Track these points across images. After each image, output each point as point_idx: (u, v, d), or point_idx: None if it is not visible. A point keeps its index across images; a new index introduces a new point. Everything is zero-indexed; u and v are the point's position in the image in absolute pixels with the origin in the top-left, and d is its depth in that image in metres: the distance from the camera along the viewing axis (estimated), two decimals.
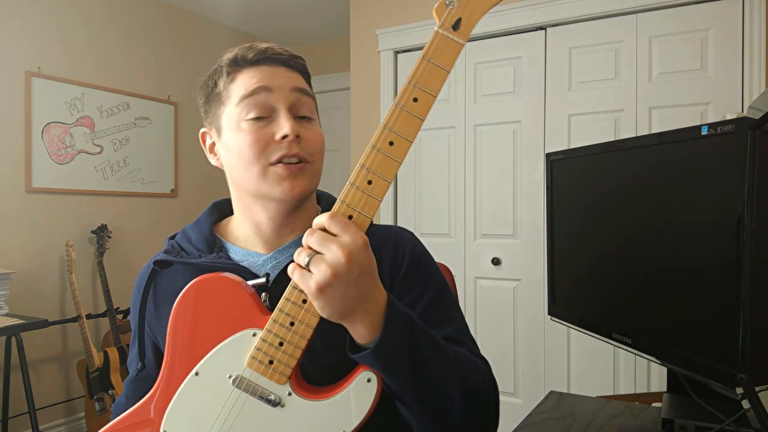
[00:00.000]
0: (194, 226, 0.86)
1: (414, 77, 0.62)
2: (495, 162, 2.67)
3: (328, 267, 0.57)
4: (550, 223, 1.30)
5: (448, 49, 0.62)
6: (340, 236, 0.58)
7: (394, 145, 0.61)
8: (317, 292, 0.58)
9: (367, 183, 0.61)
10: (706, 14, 2.22)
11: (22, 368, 2.38)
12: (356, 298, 0.59)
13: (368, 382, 0.62)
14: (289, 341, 0.62)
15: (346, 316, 0.60)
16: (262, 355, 0.63)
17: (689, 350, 0.88)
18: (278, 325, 0.62)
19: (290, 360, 0.63)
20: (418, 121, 0.62)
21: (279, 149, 0.74)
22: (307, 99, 0.79)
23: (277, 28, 3.95)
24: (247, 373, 0.64)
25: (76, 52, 2.97)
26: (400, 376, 0.63)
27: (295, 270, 0.59)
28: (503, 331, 2.62)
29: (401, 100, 0.62)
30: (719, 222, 0.81)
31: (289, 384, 0.63)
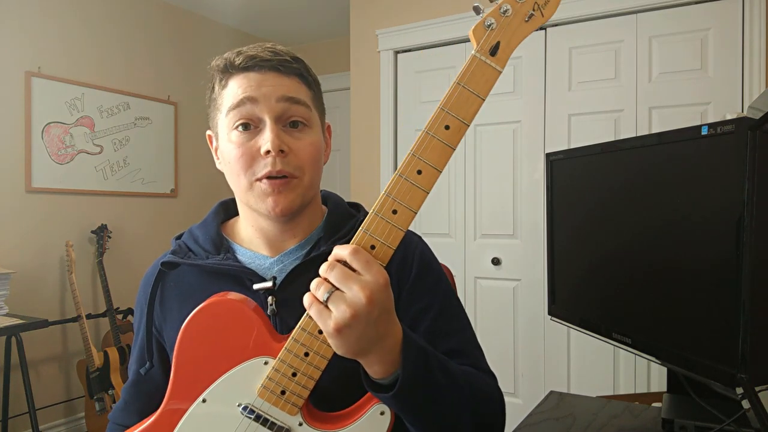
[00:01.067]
0: (201, 226, 0.85)
1: (447, 104, 0.59)
2: (495, 162, 2.67)
3: (348, 307, 0.55)
4: (550, 223, 1.30)
5: (485, 75, 0.59)
6: (363, 275, 0.56)
7: (422, 173, 0.59)
8: (335, 332, 0.56)
9: (392, 212, 0.59)
10: (706, 14, 2.22)
11: (22, 368, 2.38)
12: (374, 337, 0.58)
13: (381, 415, 0.62)
14: (303, 372, 0.61)
15: (362, 354, 0.59)
16: (275, 385, 0.62)
17: (689, 350, 0.88)
18: (292, 355, 0.61)
19: (303, 390, 0.62)
20: (449, 150, 0.59)
21: (264, 165, 0.72)
22: (298, 107, 0.75)
23: (277, 28, 3.95)
24: (258, 403, 0.62)
25: (76, 52, 2.97)
26: (416, 411, 0.63)
27: (313, 305, 0.57)
28: (503, 331, 2.62)
29: (432, 127, 0.59)
30: (719, 222, 0.81)
31: (301, 414, 0.62)
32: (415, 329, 0.76)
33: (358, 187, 3.04)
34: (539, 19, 0.60)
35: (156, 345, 0.83)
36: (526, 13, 0.59)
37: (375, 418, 0.62)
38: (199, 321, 0.65)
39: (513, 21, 0.59)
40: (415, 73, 2.91)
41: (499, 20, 0.59)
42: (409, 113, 2.91)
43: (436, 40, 2.80)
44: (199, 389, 0.64)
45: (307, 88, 0.79)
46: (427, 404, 0.63)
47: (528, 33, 0.60)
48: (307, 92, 0.78)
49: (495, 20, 0.59)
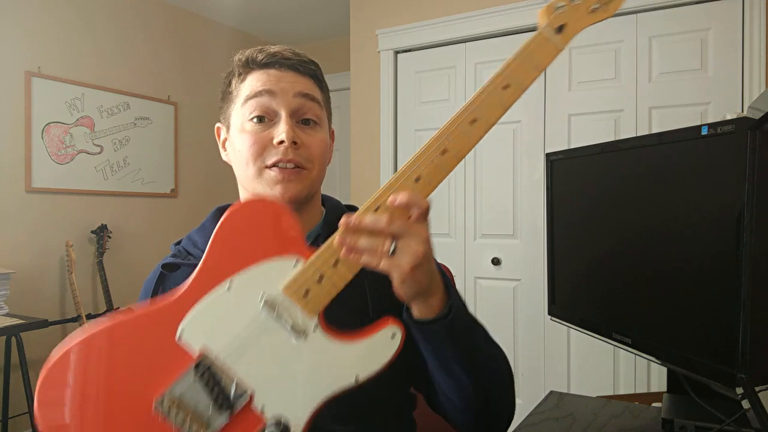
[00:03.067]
0: (199, 231, 0.87)
1: (507, 68, 0.64)
2: (495, 162, 2.67)
3: (419, 249, 0.60)
4: (550, 223, 1.30)
5: (546, 49, 0.65)
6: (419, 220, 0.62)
7: (475, 123, 0.64)
8: (411, 274, 0.60)
9: (441, 152, 0.63)
10: (706, 14, 2.22)
11: (22, 368, 2.38)
12: (433, 273, 0.64)
13: (392, 338, 0.63)
14: (329, 278, 0.63)
15: (425, 292, 0.64)
16: (300, 285, 0.63)
17: (689, 350, 0.88)
18: (322, 261, 0.63)
19: (326, 296, 0.63)
20: (502, 108, 0.64)
21: (276, 153, 0.76)
22: (312, 104, 0.79)
23: (277, 28, 3.95)
24: (280, 298, 0.64)
25: (76, 52, 2.97)
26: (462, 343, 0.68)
27: (381, 260, 0.61)
28: (503, 331, 2.62)
29: (490, 86, 0.64)
30: (719, 222, 0.81)
31: (317, 319, 0.64)
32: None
33: (358, 187, 3.04)
34: (603, 13, 0.66)
35: None
36: (591, 5, 0.66)
37: (385, 339, 0.64)
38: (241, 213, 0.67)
39: (580, 8, 0.65)
40: (415, 73, 2.91)
41: (568, 5, 0.66)
42: (409, 113, 2.91)
43: (436, 40, 2.80)
44: (227, 274, 0.65)
45: (320, 90, 0.84)
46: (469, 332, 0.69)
47: (591, 23, 0.66)
48: (320, 93, 0.83)
49: (565, 4, 0.66)
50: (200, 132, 3.66)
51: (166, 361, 0.64)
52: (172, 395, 0.63)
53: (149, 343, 0.65)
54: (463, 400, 0.73)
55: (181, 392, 0.64)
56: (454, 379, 0.71)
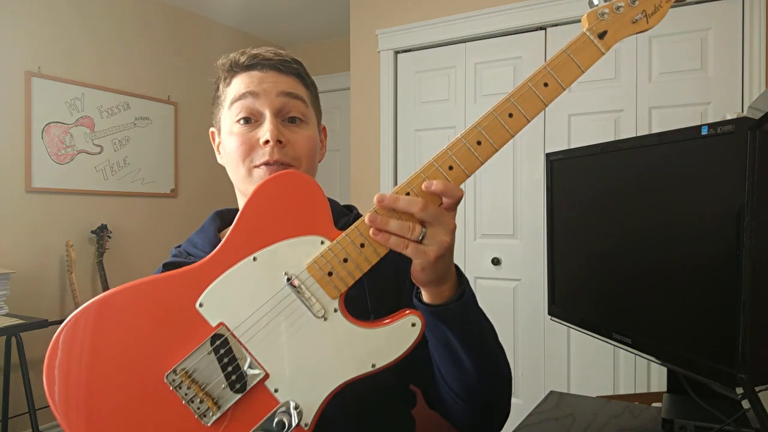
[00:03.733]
0: (199, 233, 0.88)
1: (551, 64, 0.65)
2: (495, 162, 2.66)
3: (445, 238, 0.61)
4: (550, 223, 1.30)
5: (589, 51, 0.66)
6: (450, 209, 0.63)
7: (512, 117, 0.64)
8: (434, 263, 0.61)
9: (477, 143, 0.64)
10: (706, 14, 2.22)
11: (22, 368, 2.38)
12: (451, 262, 0.65)
13: (412, 326, 0.63)
14: (354, 259, 0.63)
15: (441, 279, 0.65)
16: (324, 264, 0.63)
17: (689, 350, 0.88)
18: (349, 242, 0.63)
19: (348, 278, 0.63)
20: (542, 104, 0.65)
21: (263, 154, 0.77)
22: (296, 102, 0.80)
23: (277, 28, 3.95)
24: (303, 276, 0.63)
25: (76, 52, 2.97)
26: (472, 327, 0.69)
27: (409, 245, 0.61)
28: (503, 331, 2.62)
29: (532, 80, 0.65)
30: (719, 222, 0.81)
31: (338, 301, 0.63)
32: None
33: (358, 187, 3.04)
34: (644, 24, 0.68)
35: None
36: (634, 16, 0.68)
37: (406, 327, 0.63)
38: (272, 186, 0.66)
39: (623, 18, 0.67)
40: (415, 73, 2.90)
41: (611, 13, 0.67)
42: (409, 113, 2.91)
43: (436, 40, 2.80)
44: (252, 248, 0.65)
45: (305, 87, 0.84)
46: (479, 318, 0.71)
47: (632, 33, 0.68)
48: (304, 91, 0.83)
49: (608, 11, 0.67)
50: (200, 132, 3.66)
51: (183, 331, 0.63)
52: (184, 368, 0.62)
53: (167, 310, 0.64)
54: (466, 390, 0.74)
55: (194, 365, 0.62)
56: (459, 367, 0.72)
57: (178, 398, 0.61)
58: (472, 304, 0.70)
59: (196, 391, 0.61)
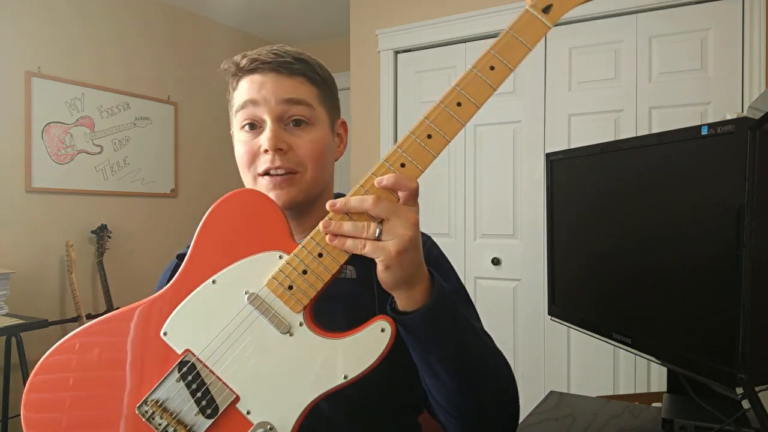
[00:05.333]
0: None
1: (495, 47, 0.63)
2: (495, 162, 2.67)
3: (406, 232, 0.58)
4: (550, 223, 1.30)
5: (534, 27, 0.64)
6: (408, 203, 0.60)
7: (461, 106, 0.62)
8: (397, 258, 0.58)
9: (427, 136, 0.62)
10: (706, 14, 2.22)
11: (22, 368, 2.37)
12: (419, 261, 0.61)
13: (382, 332, 0.60)
14: (314, 270, 0.62)
15: (410, 280, 0.61)
16: (284, 279, 0.62)
17: (689, 350, 0.88)
18: (306, 253, 0.62)
19: (310, 289, 0.62)
20: (490, 89, 0.62)
21: (265, 161, 0.76)
22: (298, 107, 0.77)
23: (277, 28, 3.95)
24: (264, 293, 0.63)
25: (76, 52, 2.97)
26: (447, 336, 0.64)
27: (366, 244, 0.59)
28: (503, 331, 2.62)
29: (478, 65, 0.63)
30: (719, 222, 0.81)
31: (303, 314, 0.62)
32: None
33: None
34: None
35: None
36: None
37: (375, 333, 0.61)
38: (225, 207, 0.67)
39: None
40: (415, 73, 2.90)
41: None
42: (409, 113, 2.91)
43: (436, 40, 2.80)
44: (212, 271, 0.65)
45: (313, 86, 0.81)
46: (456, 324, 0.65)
47: (578, 3, 0.65)
48: (310, 90, 0.80)
49: None
50: (200, 132, 3.66)
51: (152, 361, 0.63)
52: (155, 398, 0.62)
53: (135, 342, 0.64)
54: (449, 404, 0.70)
55: (164, 395, 0.62)
56: (437, 380, 0.68)
57: (152, 430, 0.61)
58: (445, 311, 0.64)
59: (168, 420, 0.61)
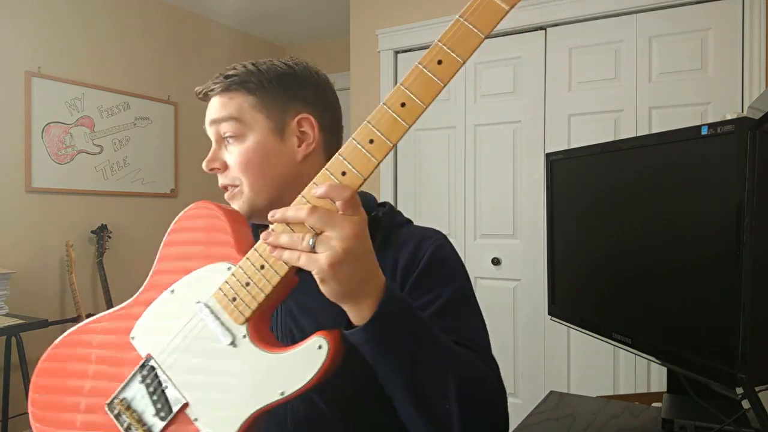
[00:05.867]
0: None
1: (444, 37, 0.57)
2: (495, 162, 2.67)
3: (340, 244, 0.54)
4: (550, 223, 1.30)
5: (489, 11, 0.56)
6: (347, 212, 0.56)
7: (405, 106, 0.57)
8: (330, 271, 0.55)
9: (369, 141, 0.57)
10: (706, 14, 2.22)
11: (22, 368, 2.38)
12: (363, 274, 0.57)
13: (318, 348, 0.59)
14: (255, 282, 0.61)
15: (352, 294, 0.58)
16: (228, 290, 0.63)
17: (689, 350, 0.88)
18: (249, 264, 0.62)
19: (251, 301, 0.61)
20: (438, 85, 0.57)
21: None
22: (221, 125, 0.82)
23: (277, 28, 3.95)
24: (212, 303, 0.65)
25: (76, 52, 2.97)
26: (393, 360, 0.60)
27: (301, 255, 0.56)
28: (503, 331, 2.62)
29: (424, 60, 0.58)
30: (719, 222, 0.81)
31: (246, 327, 0.62)
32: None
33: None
34: None
35: None
36: None
37: (312, 350, 0.59)
38: (185, 218, 0.73)
39: None
40: None
41: None
42: None
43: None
44: (171, 281, 0.70)
45: (246, 95, 0.81)
46: (406, 352, 0.60)
47: None
48: (238, 102, 0.81)
49: None
50: (200, 132, 3.63)
51: (122, 363, 0.69)
52: (122, 397, 0.67)
53: (110, 345, 0.71)
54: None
55: (130, 395, 0.67)
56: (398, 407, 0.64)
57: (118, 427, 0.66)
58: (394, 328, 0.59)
59: (130, 419, 0.66)
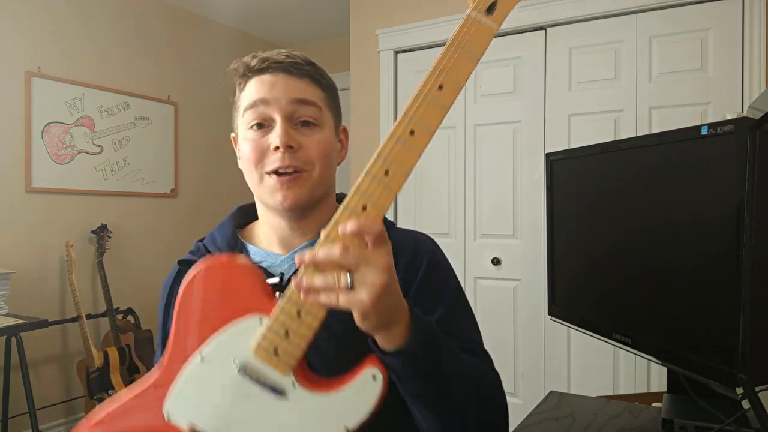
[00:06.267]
0: (219, 229, 0.88)
1: (440, 64, 0.59)
2: (495, 162, 2.67)
3: (378, 279, 0.56)
4: (550, 223, 1.30)
5: (480, 34, 0.58)
6: (377, 247, 0.57)
7: (414, 134, 0.59)
8: (372, 308, 0.56)
9: (384, 173, 0.59)
10: (706, 14, 2.22)
11: (22, 368, 2.38)
12: (396, 305, 0.60)
13: (374, 380, 0.61)
14: (296, 332, 0.61)
15: (387, 324, 0.60)
16: (268, 344, 0.62)
17: (689, 350, 0.88)
18: (285, 314, 0.61)
19: (296, 350, 0.61)
20: (442, 111, 0.59)
21: (274, 160, 0.76)
22: (307, 108, 0.78)
23: (277, 28, 3.95)
24: (251, 360, 0.63)
25: (76, 52, 2.97)
26: (424, 377, 0.64)
27: (339, 296, 0.57)
28: (503, 331, 2.62)
29: (424, 88, 0.59)
30: (719, 222, 0.81)
31: (293, 375, 0.62)
32: None
33: None
34: None
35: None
36: None
37: (367, 382, 0.60)
38: (197, 282, 0.66)
39: None
40: (415, 73, 2.90)
41: None
42: None
43: (436, 40, 2.80)
44: (197, 346, 0.65)
45: (320, 89, 0.81)
46: (434, 368, 0.64)
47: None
48: (318, 93, 0.81)
49: None
50: (200, 132, 3.66)
51: None
52: None
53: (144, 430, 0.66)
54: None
55: None
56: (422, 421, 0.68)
57: None
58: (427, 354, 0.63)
59: None
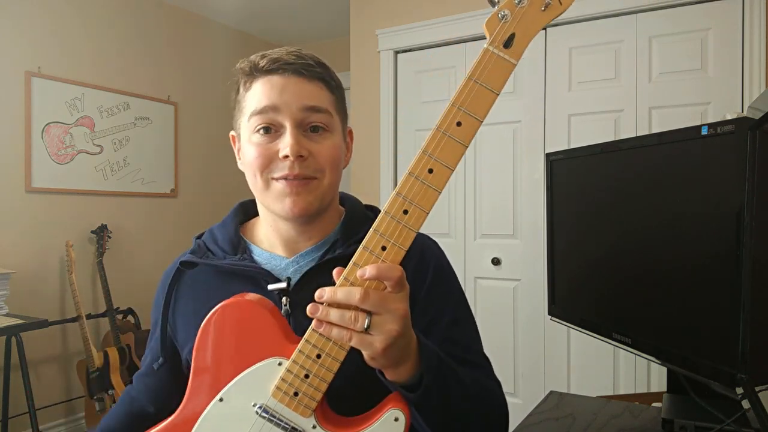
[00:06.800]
0: (221, 227, 0.86)
1: (459, 99, 0.58)
2: (495, 162, 2.67)
3: (394, 327, 0.56)
4: (549, 223, 1.30)
5: (498, 68, 0.58)
6: (395, 291, 0.58)
7: (433, 172, 0.58)
8: (383, 353, 0.57)
9: (403, 212, 0.58)
10: (706, 14, 2.22)
11: (22, 368, 2.38)
12: (407, 346, 0.61)
13: (396, 421, 0.61)
14: (315, 374, 0.60)
15: (398, 363, 0.61)
16: (287, 386, 0.62)
17: (689, 350, 0.88)
18: (304, 357, 0.61)
19: (315, 393, 0.61)
20: (462, 147, 0.58)
21: (282, 167, 0.73)
22: (318, 115, 0.75)
23: (277, 28, 3.95)
24: (271, 403, 0.62)
25: (76, 52, 2.97)
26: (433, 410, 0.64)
27: (353, 336, 0.57)
28: (503, 331, 2.62)
29: (443, 124, 0.58)
30: (719, 222, 0.81)
31: (314, 417, 0.62)
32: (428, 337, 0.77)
33: (358, 187, 3.04)
34: (557, 8, 0.58)
35: (169, 342, 0.84)
36: (542, 2, 0.57)
37: (389, 423, 0.61)
38: (216, 322, 0.66)
39: (528, 11, 0.58)
40: (415, 73, 2.90)
41: (513, 11, 0.57)
42: (409, 113, 2.91)
43: (436, 40, 2.80)
44: (216, 389, 0.65)
45: (330, 92, 0.79)
46: (442, 399, 0.65)
47: (545, 23, 0.58)
48: (329, 97, 0.78)
49: (509, 11, 0.58)
50: (200, 132, 3.66)
51: None
52: None
53: None
54: None
55: None
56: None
57: None
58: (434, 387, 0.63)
59: None
